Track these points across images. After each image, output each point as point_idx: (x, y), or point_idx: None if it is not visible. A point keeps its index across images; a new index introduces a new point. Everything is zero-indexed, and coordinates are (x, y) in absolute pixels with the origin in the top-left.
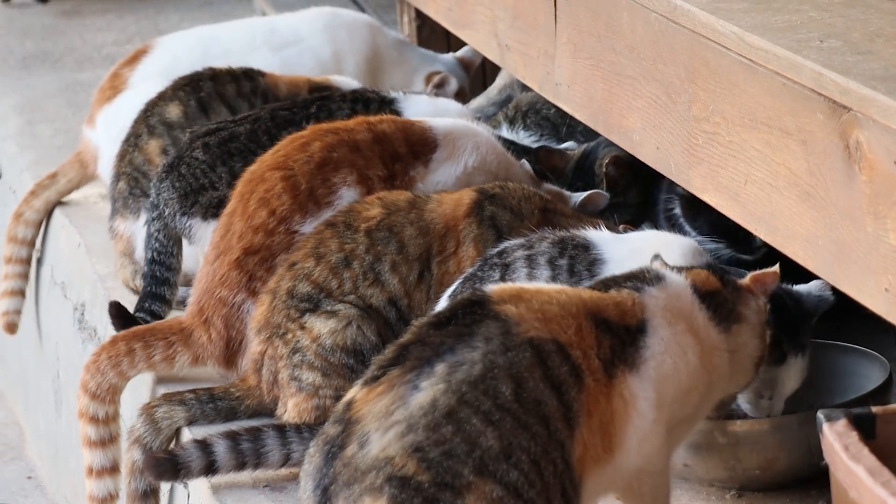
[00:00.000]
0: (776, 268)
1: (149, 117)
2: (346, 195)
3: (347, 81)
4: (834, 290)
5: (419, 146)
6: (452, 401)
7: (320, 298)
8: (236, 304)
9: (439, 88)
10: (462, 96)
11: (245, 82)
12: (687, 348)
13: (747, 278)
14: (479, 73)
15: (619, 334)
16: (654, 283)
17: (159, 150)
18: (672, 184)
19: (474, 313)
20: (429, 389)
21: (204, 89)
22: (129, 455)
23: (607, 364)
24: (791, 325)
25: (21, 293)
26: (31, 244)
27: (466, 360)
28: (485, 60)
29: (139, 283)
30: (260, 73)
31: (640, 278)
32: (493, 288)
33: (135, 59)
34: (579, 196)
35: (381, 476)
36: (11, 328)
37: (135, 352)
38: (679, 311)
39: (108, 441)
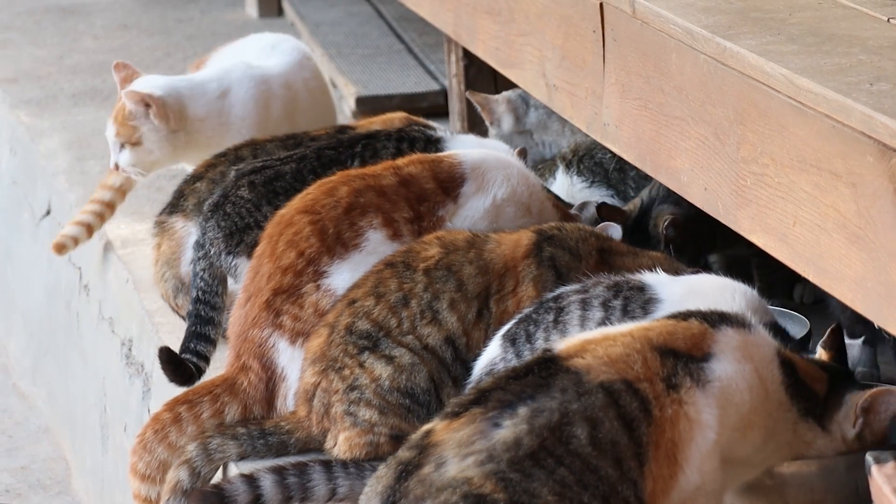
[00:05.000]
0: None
1: (256, 148)
2: (373, 238)
3: (433, 125)
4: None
5: (448, 182)
6: (535, 443)
7: (379, 337)
8: (265, 340)
9: None
10: None
11: (337, 136)
12: (752, 387)
13: (868, 395)
14: None
15: (685, 359)
16: (737, 326)
17: None
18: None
19: (548, 368)
20: (512, 428)
21: (303, 142)
22: (174, 473)
23: (670, 379)
24: None
25: (88, 229)
26: (121, 192)
27: (546, 407)
28: None
29: (181, 302)
30: (350, 127)
31: (724, 318)
32: (560, 346)
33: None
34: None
35: (457, 493)
36: (60, 249)
37: (181, 416)
38: (751, 356)
39: None
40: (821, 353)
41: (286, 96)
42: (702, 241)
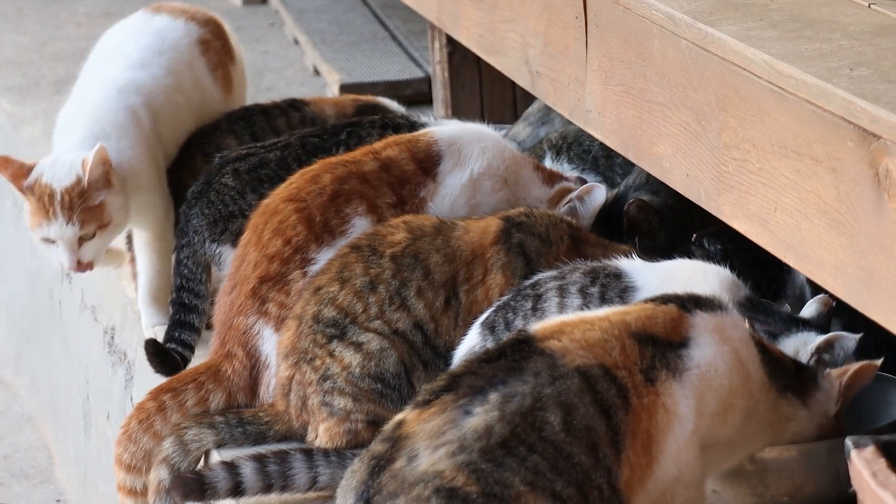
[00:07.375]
0: (876, 362)
1: (205, 144)
2: (359, 224)
3: (392, 105)
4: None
5: (426, 161)
6: (507, 430)
7: (346, 324)
8: (250, 328)
9: None
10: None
11: (294, 113)
12: (733, 369)
13: (849, 373)
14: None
15: (662, 347)
16: (713, 310)
17: None
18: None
19: (522, 350)
20: (482, 415)
21: (257, 123)
22: (155, 473)
23: (649, 372)
24: None
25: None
26: None
27: (518, 392)
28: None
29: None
30: (304, 102)
31: (698, 301)
32: (535, 327)
33: None
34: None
35: (430, 488)
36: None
37: (165, 405)
38: (730, 338)
39: None
40: None
41: None
42: (676, 232)
